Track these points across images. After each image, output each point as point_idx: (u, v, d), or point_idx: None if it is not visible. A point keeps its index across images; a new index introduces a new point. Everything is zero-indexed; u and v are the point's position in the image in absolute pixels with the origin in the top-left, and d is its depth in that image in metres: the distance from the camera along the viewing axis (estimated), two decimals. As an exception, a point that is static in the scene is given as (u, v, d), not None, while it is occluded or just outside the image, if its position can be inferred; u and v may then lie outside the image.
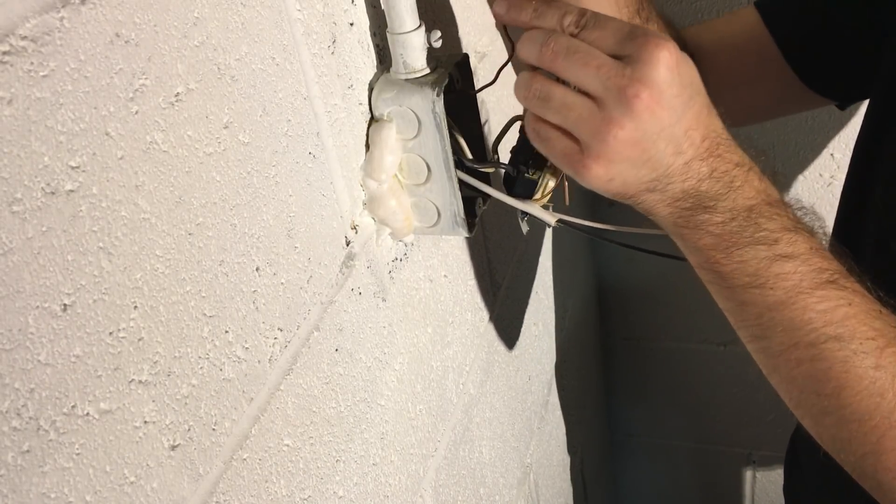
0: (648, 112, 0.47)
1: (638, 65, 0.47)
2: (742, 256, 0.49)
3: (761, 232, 0.49)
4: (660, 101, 0.47)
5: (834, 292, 0.48)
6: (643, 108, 0.47)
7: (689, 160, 0.49)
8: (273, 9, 0.47)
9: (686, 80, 0.48)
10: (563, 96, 0.50)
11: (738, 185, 0.50)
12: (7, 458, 0.32)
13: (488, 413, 0.91)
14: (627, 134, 0.47)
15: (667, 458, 1.77)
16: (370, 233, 0.60)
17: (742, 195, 0.50)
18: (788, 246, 0.49)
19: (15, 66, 0.31)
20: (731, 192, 0.50)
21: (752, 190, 0.50)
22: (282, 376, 0.50)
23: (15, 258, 0.31)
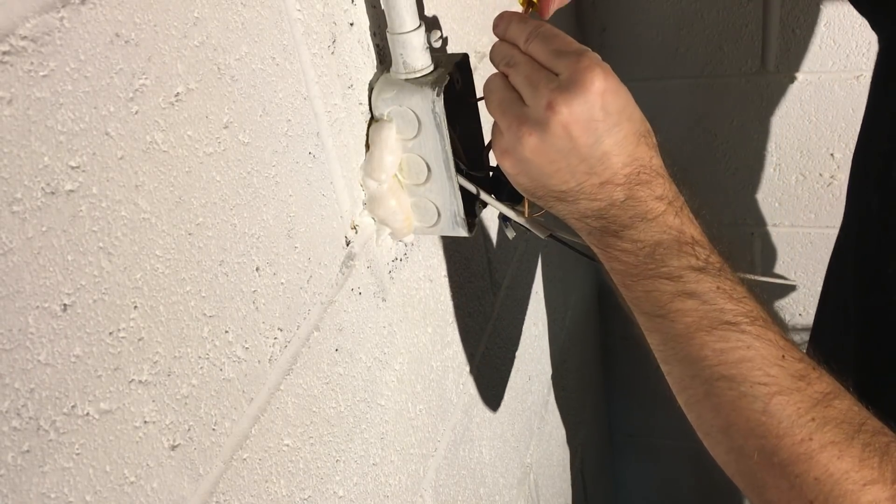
0: (561, 128, 0.49)
1: (565, 83, 0.49)
2: (646, 287, 0.51)
3: (665, 267, 0.51)
4: (576, 121, 0.49)
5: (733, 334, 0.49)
6: (557, 122, 0.49)
7: (603, 182, 0.51)
8: (273, 9, 0.47)
9: (613, 108, 0.50)
10: (501, 86, 0.53)
11: (651, 219, 0.51)
12: (7, 458, 0.32)
13: (488, 413, 0.91)
14: (535, 142, 0.50)
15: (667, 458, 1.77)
16: (370, 233, 0.60)
17: (652, 229, 0.51)
18: (691, 284, 0.50)
19: (15, 66, 0.31)
20: (641, 224, 0.51)
21: (665, 226, 0.51)
22: (282, 376, 0.50)
23: (15, 258, 0.31)
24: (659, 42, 1.21)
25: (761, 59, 1.18)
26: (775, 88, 1.21)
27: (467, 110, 0.62)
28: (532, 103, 0.51)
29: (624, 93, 0.51)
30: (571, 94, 0.49)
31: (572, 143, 0.50)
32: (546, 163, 0.51)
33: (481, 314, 0.86)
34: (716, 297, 0.50)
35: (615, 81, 0.50)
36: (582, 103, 0.49)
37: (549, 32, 0.53)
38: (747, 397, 0.48)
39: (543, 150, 0.50)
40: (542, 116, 0.50)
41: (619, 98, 0.50)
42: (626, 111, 0.51)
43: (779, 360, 0.49)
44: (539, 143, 0.50)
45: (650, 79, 1.25)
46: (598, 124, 0.49)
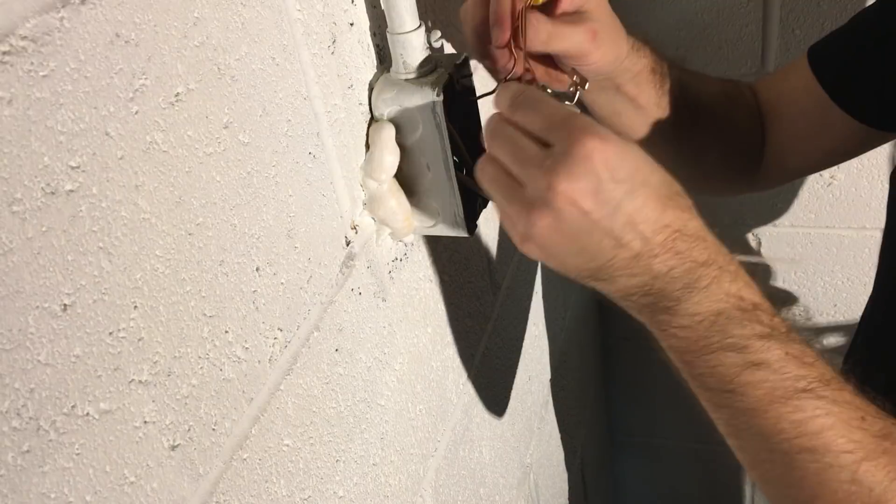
0: (569, 205, 0.45)
1: (560, 157, 0.46)
2: (710, 362, 0.48)
3: (729, 339, 0.47)
4: (583, 195, 0.45)
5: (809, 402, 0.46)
6: (561, 201, 0.45)
7: (635, 254, 0.47)
8: (273, 9, 0.47)
9: (622, 173, 0.46)
10: (496, 174, 0.49)
11: (703, 287, 0.47)
12: (7, 458, 0.32)
13: (488, 413, 0.91)
14: (549, 223, 0.46)
15: (667, 458, 1.77)
16: (370, 233, 0.60)
17: (708, 298, 0.47)
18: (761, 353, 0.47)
19: (15, 66, 0.31)
20: (694, 295, 0.47)
21: (722, 293, 0.48)
22: (282, 376, 0.50)
23: (15, 258, 0.31)
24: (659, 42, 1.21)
25: (761, 59, 1.18)
26: (775, 88, 1.20)
27: (467, 110, 0.62)
28: (530, 185, 0.47)
29: (631, 156, 0.47)
30: (569, 167, 0.45)
31: (587, 219, 0.46)
32: (568, 242, 0.47)
33: (481, 314, 0.86)
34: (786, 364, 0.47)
35: (616, 145, 0.46)
36: (583, 175, 0.45)
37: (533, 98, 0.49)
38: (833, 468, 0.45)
39: (561, 230, 0.46)
40: (545, 198, 0.46)
41: (625, 162, 0.46)
42: (640, 175, 0.47)
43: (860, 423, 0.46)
44: (554, 225, 0.46)
45: (650, 79, 1.25)
46: (609, 194, 0.45)
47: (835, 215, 1.28)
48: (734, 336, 0.47)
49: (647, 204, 0.47)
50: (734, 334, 0.47)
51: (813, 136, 0.80)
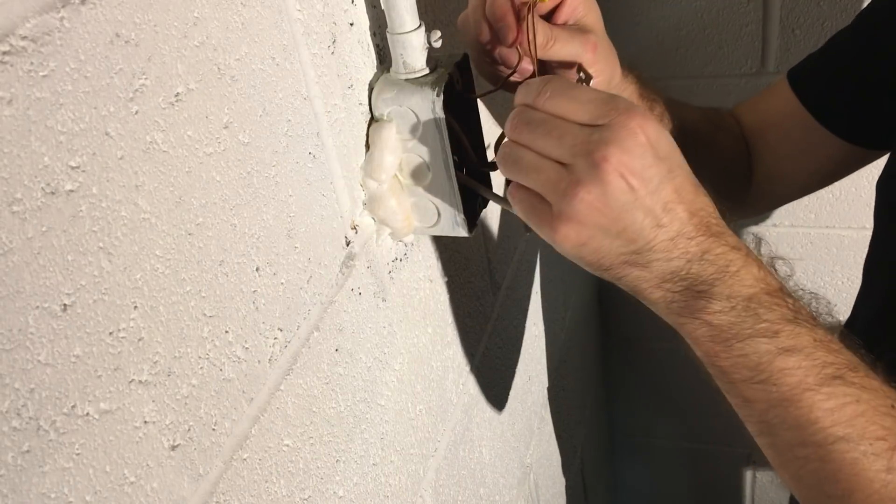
0: (616, 176, 0.45)
1: (607, 130, 0.45)
2: (742, 350, 0.47)
3: (762, 323, 0.46)
4: (630, 168, 0.45)
5: (841, 388, 0.46)
6: (611, 171, 0.45)
7: (674, 236, 0.47)
8: (273, 9, 0.47)
9: (663, 153, 0.46)
10: (532, 160, 0.48)
11: (734, 271, 0.47)
12: (7, 458, 0.32)
13: (488, 413, 0.91)
14: (595, 198, 0.45)
15: (667, 458, 1.77)
16: (370, 233, 0.60)
17: (740, 282, 0.47)
18: (791, 339, 0.46)
19: (15, 66, 0.31)
20: (727, 278, 0.47)
21: (751, 277, 0.47)
22: (282, 376, 0.50)
23: (15, 258, 0.31)
24: (659, 42, 1.21)
25: (761, 59, 1.18)
26: (775, 88, 1.21)
27: (467, 108, 0.62)
28: (577, 161, 0.46)
29: (668, 138, 0.47)
30: (621, 141, 0.45)
31: (633, 195, 0.45)
32: (610, 220, 0.46)
33: (481, 314, 0.86)
34: (816, 350, 0.46)
35: (657, 125, 0.46)
36: (634, 149, 0.45)
37: (566, 84, 0.49)
38: (868, 457, 0.45)
39: (606, 207, 0.45)
40: (596, 171, 0.45)
41: (666, 143, 0.47)
42: (675, 157, 0.47)
43: (889, 410, 0.46)
44: (600, 200, 0.45)
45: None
46: (653, 171, 0.45)
47: (835, 215, 1.28)
48: (766, 321, 0.46)
49: (684, 185, 0.47)
50: (766, 319, 0.46)
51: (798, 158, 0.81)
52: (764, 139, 0.82)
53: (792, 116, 0.79)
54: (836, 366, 0.46)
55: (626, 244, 0.47)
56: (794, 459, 0.47)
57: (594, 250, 0.48)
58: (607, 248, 0.47)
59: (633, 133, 0.45)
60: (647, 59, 1.24)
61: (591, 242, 0.47)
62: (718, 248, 0.47)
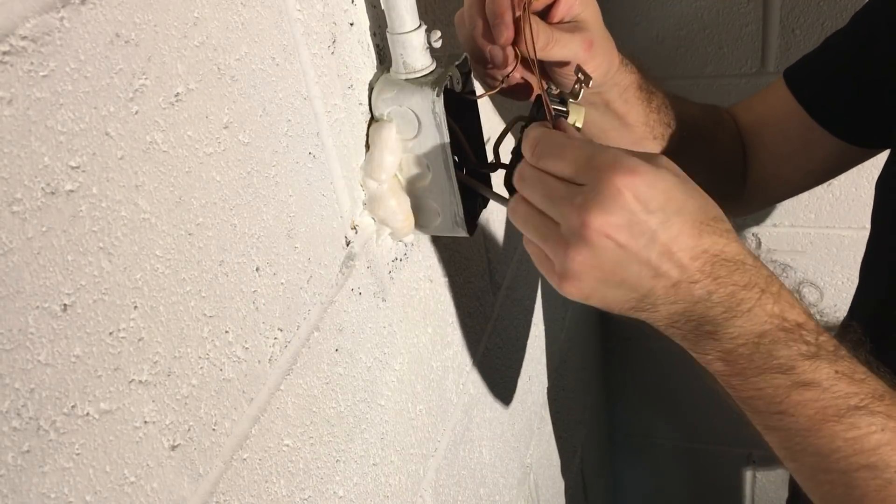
0: (602, 238, 0.46)
1: (590, 193, 0.46)
2: (757, 384, 0.48)
3: (776, 360, 0.47)
4: (615, 227, 0.46)
5: (864, 419, 0.46)
6: (594, 234, 0.46)
7: (675, 282, 0.47)
8: (273, 9, 0.47)
9: (655, 204, 0.46)
10: (530, 216, 0.50)
11: (745, 309, 0.47)
12: (7, 458, 0.32)
13: (488, 413, 0.91)
14: (586, 259, 0.47)
15: (667, 459, 1.77)
16: (370, 233, 0.60)
17: (751, 321, 0.47)
18: (808, 373, 0.47)
19: (15, 66, 0.31)
20: (736, 318, 0.47)
21: (764, 315, 0.47)
22: (282, 376, 0.50)
23: (15, 258, 0.31)
24: (659, 42, 1.21)
25: (761, 59, 1.18)
26: (775, 88, 1.21)
27: (467, 108, 0.62)
28: (564, 222, 0.47)
29: (662, 185, 0.47)
30: (600, 203, 0.45)
31: (624, 251, 0.46)
32: (607, 276, 0.47)
33: (481, 314, 0.86)
34: (836, 382, 0.47)
35: (647, 176, 0.46)
36: (616, 209, 0.45)
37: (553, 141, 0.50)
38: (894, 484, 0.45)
39: (598, 265, 0.47)
40: (580, 234, 0.46)
41: (657, 192, 0.46)
42: (673, 203, 0.47)
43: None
44: (591, 260, 0.46)
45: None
46: (643, 225, 0.46)
47: (835, 215, 1.28)
48: (780, 357, 0.47)
49: (682, 231, 0.47)
50: (779, 356, 0.47)
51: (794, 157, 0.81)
52: (761, 138, 0.83)
53: (789, 116, 0.80)
54: (860, 396, 0.47)
55: (629, 293, 0.48)
56: (819, 484, 0.48)
57: (600, 300, 0.49)
58: (612, 297, 0.49)
59: (617, 193, 0.45)
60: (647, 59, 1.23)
61: (594, 294, 0.49)
62: (727, 289, 0.47)
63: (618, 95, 0.68)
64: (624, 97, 0.69)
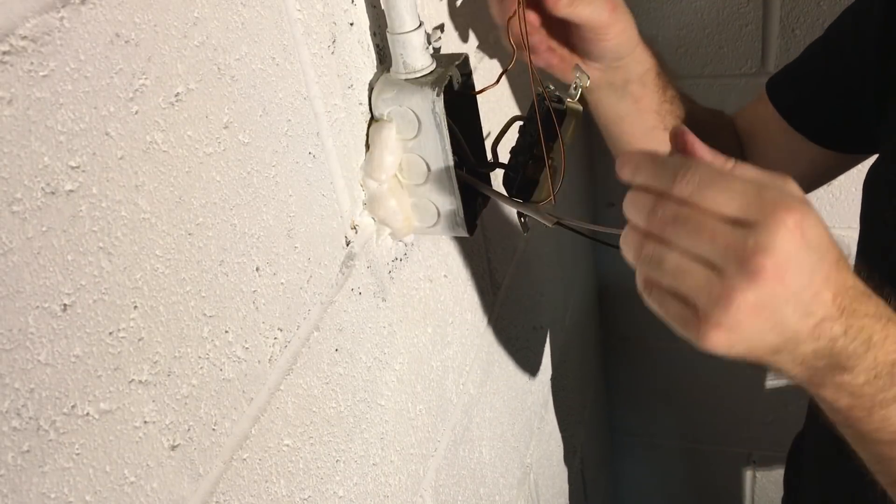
0: (774, 281, 0.43)
1: (762, 232, 0.43)
2: (886, 415, 0.47)
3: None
4: (787, 270, 0.43)
5: None
6: (768, 278, 0.43)
7: (819, 321, 0.46)
8: (273, 9, 0.47)
9: (814, 244, 0.44)
10: (679, 262, 0.46)
11: (876, 341, 0.47)
12: (7, 458, 0.32)
13: (488, 413, 0.91)
14: (751, 303, 0.43)
15: (667, 459, 1.77)
16: (370, 233, 0.60)
17: (883, 351, 0.47)
18: None
19: (15, 66, 0.31)
20: (870, 351, 0.46)
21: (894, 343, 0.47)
22: (282, 376, 0.50)
23: (15, 258, 0.31)
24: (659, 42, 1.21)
25: (761, 59, 1.18)
26: (775, 88, 1.21)
27: (466, 108, 0.62)
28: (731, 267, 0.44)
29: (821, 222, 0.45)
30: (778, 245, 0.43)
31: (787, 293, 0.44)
32: (763, 321, 0.44)
33: (481, 314, 0.86)
34: None
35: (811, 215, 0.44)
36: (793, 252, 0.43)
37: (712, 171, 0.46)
38: None
39: (762, 306, 0.44)
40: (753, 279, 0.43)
41: (819, 230, 0.45)
42: (825, 241, 0.46)
43: None
44: (756, 303, 0.43)
45: (650, 79, 1.25)
46: (804, 266, 0.44)
47: (835, 215, 1.28)
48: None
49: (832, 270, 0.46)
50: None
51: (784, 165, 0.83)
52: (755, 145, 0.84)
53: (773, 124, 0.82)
54: None
55: (776, 337, 0.46)
56: None
57: (744, 349, 0.46)
58: (758, 343, 0.46)
59: (792, 234, 0.43)
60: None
61: (740, 344, 0.46)
62: (861, 322, 0.46)
63: (637, 76, 0.69)
64: (643, 80, 0.70)
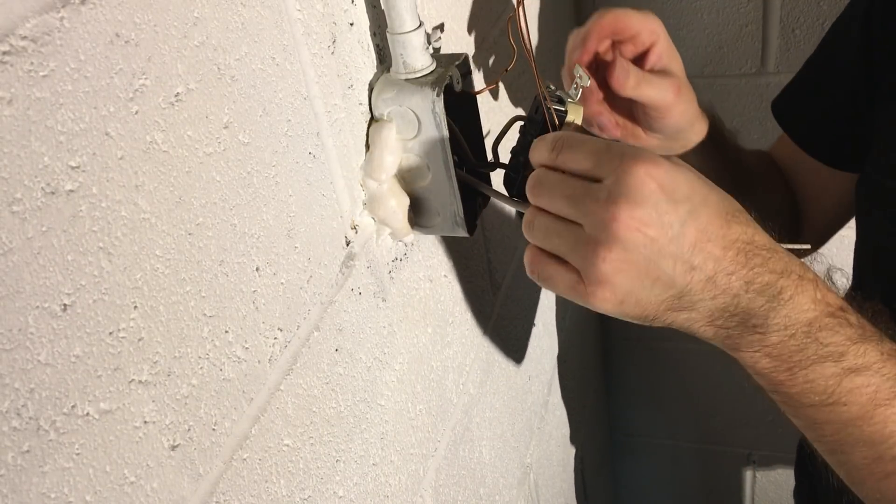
0: (631, 231, 0.44)
1: (614, 186, 0.44)
2: (808, 376, 0.46)
3: (825, 348, 0.46)
4: (643, 220, 0.44)
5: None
6: (624, 229, 0.44)
7: (711, 275, 0.45)
8: (273, 9, 0.47)
9: (680, 195, 0.45)
10: (548, 224, 0.48)
11: (787, 297, 0.46)
12: (7, 458, 0.32)
13: (488, 413, 0.91)
14: (617, 256, 0.45)
15: (667, 458, 1.77)
16: (370, 233, 0.60)
17: (796, 308, 0.46)
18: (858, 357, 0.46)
19: (15, 66, 0.31)
20: (780, 307, 0.46)
21: (808, 300, 0.46)
22: (282, 376, 0.50)
23: (15, 258, 0.31)
24: (659, 42, 1.21)
25: (761, 59, 1.18)
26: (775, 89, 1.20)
27: (466, 107, 0.62)
28: (590, 222, 0.45)
29: (684, 177, 0.46)
30: (626, 195, 0.44)
31: (655, 245, 0.44)
32: (639, 273, 0.45)
33: (481, 314, 0.86)
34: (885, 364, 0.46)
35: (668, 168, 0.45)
36: (645, 199, 0.44)
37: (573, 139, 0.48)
38: None
39: (630, 262, 0.45)
40: (610, 230, 0.44)
41: (680, 183, 0.45)
42: (697, 195, 0.46)
43: None
44: (623, 258, 0.44)
45: (650, 79, 1.25)
46: (671, 216, 0.44)
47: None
48: (829, 345, 0.46)
49: (711, 222, 0.45)
50: (829, 343, 0.46)
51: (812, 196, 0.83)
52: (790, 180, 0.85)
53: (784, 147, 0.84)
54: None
55: (664, 291, 0.46)
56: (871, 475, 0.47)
57: (634, 305, 0.47)
58: (646, 299, 0.46)
59: (642, 182, 0.44)
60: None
61: (628, 299, 0.46)
62: (764, 278, 0.46)
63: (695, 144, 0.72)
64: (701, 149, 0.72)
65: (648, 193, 0.44)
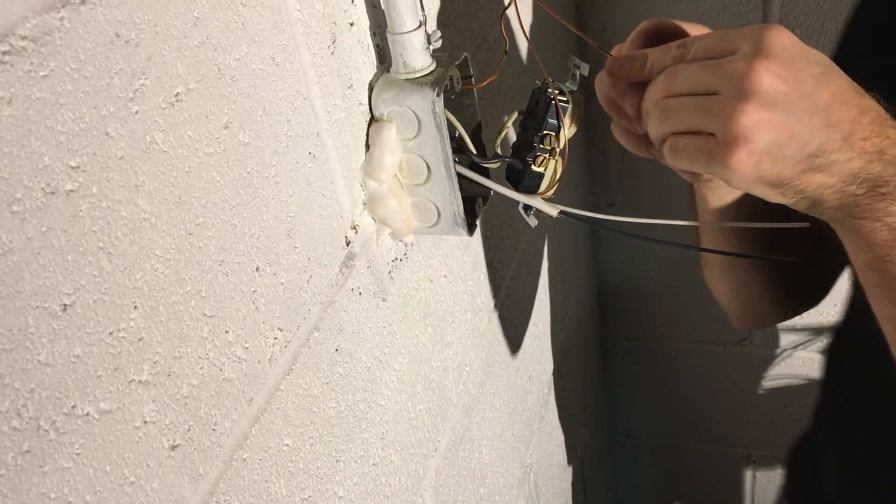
0: (770, 83, 0.45)
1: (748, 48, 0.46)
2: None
3: None
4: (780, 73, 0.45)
5: None
6: (763, 81, 0.45)
7: (847, 135, 0.46)
8: (273, 9, 0.47)
9: (813, 57, 0.46)
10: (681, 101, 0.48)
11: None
12: (7, 458, 0.32)
13: (488, 413, 0.91)
14: (755, 108, 0.45)
15: (667, 459, 1.77)
16: (370, 233, 0.60)
17: None
18: None
19: (15, 66, 0.31)
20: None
21: None
22: (282, 376, 0.50)
23: (15, 258, 0.31)
24: (659, 42, 1.21)
25: (761, 59, 1.18)
26: (775, 88, 1.21)
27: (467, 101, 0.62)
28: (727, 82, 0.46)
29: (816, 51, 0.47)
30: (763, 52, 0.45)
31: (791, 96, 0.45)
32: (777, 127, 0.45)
33: (481, 314, 0.86)
34: None
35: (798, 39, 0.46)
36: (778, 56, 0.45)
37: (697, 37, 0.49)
38: None
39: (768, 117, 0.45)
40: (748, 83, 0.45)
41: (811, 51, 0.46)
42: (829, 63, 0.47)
43: None
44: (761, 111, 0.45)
45: (650, 79, 1.25)
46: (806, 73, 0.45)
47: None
48: None
49: (843, 87, 0.46)
50: None
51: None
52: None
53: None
54: None
55: (801, 149, 0.46)
56: None
57: (771, 165, 0.46)
58: (783, 157, 0.46)
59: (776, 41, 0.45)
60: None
61: (765, 159, 0.46)
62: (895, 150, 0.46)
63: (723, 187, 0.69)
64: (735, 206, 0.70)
65: (783, 50, 0.45)
